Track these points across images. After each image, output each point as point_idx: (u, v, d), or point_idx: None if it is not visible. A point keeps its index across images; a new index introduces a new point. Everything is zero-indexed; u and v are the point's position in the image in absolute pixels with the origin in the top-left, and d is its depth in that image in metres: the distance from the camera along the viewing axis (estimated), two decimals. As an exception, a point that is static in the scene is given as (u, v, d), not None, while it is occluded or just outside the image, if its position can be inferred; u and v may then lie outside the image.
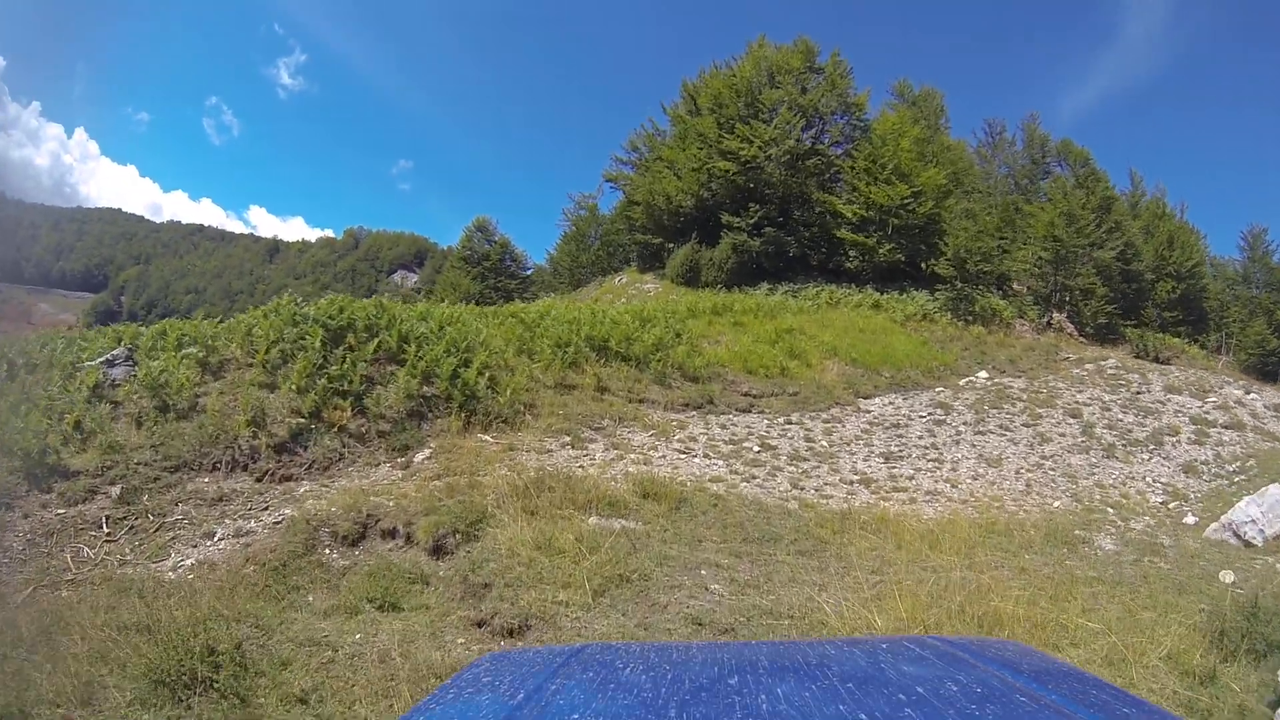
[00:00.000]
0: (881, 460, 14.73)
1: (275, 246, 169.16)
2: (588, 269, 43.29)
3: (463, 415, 13.61)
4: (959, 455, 15.56)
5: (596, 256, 44.04)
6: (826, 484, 12.91)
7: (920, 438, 16.49)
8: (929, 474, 14.23)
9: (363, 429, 12.60)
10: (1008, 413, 18.88)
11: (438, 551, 9.09)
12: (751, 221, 31.00)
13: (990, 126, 44.00)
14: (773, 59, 33.69)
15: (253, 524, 9.52)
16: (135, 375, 12.30)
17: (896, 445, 15.79)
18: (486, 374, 14.83)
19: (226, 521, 9.61)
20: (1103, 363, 25.04)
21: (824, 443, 15.48)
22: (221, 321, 15.19)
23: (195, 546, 9.00)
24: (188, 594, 7.35)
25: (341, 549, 8.99)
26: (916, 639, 1.78)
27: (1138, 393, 21.59)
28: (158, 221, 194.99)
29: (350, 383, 13.03)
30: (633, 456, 13.25)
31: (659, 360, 18.12)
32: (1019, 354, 25.61)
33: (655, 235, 35.71)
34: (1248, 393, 22.29)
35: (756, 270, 31.65)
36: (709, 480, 12.25)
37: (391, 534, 9.45)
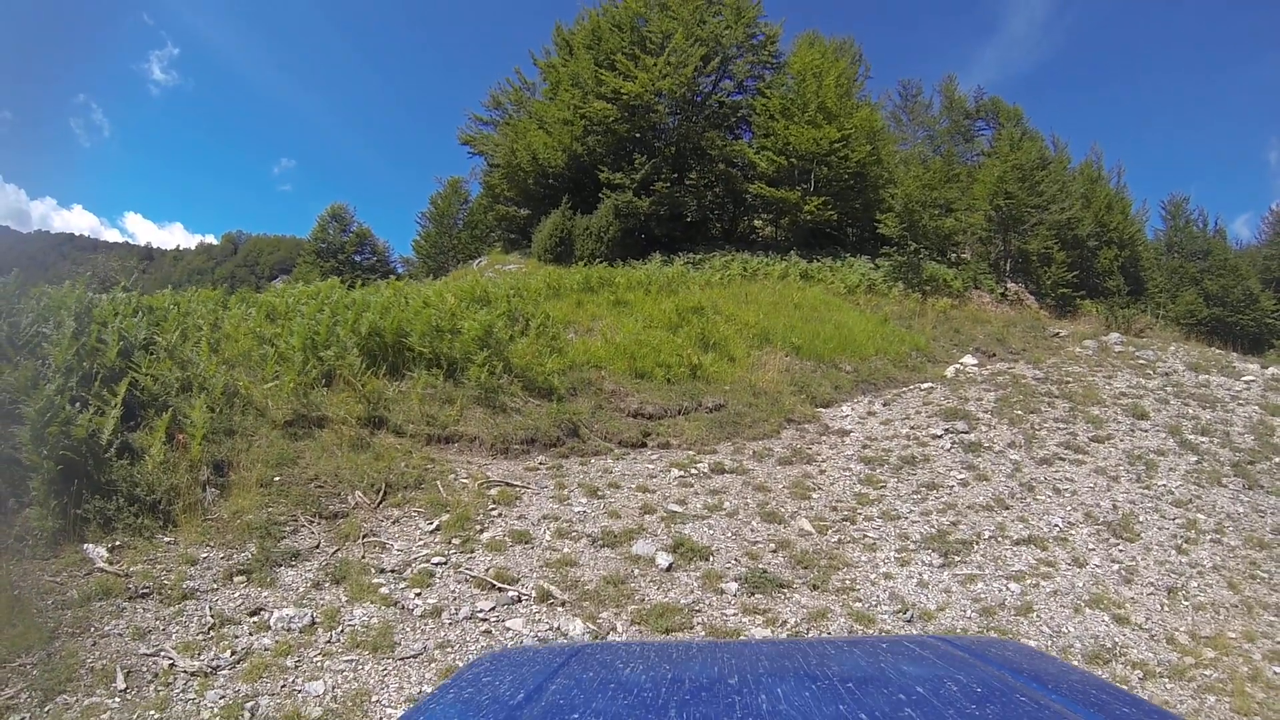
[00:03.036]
0: (937, 560, 6.43)
1: (149, 254, 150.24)
2: (450, 254, 33.94)
3: (57, 503, 5.62)
4: (1056, 521, 7.50)
5: (460, 240, 34.73)
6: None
7: (965, 484, 8.33)
8: (1046, 586, 6.11)
9: None
10: (1053, 419, 11.12)
11: None
12: (638, 177, 22.44)
13: (905, 88, 37.22)
14: (663, -13, 25.24)
15: None
16: None
17: (940, 510, 7.54)
18: (144, 409, 6.60)
19: None
20: (1104, 339, 17.83)
21: (803, 521, 7.05)
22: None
23: None
24: None
25: None
26: (916, 639, 1.61)
27: (1167, 374, 14.61)
28: (24, 231, 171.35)
29: None
30: (358, 620, 5.12)
31: (483, 364, 9.45)
32: (1000, 331, 18.14)
33: (521, 206, 26.83)
34: (1264, 368, 16.03)
35: (647, 240, 23.24)
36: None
37: None
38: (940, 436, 9.97)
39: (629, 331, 12.22)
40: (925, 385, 13.34)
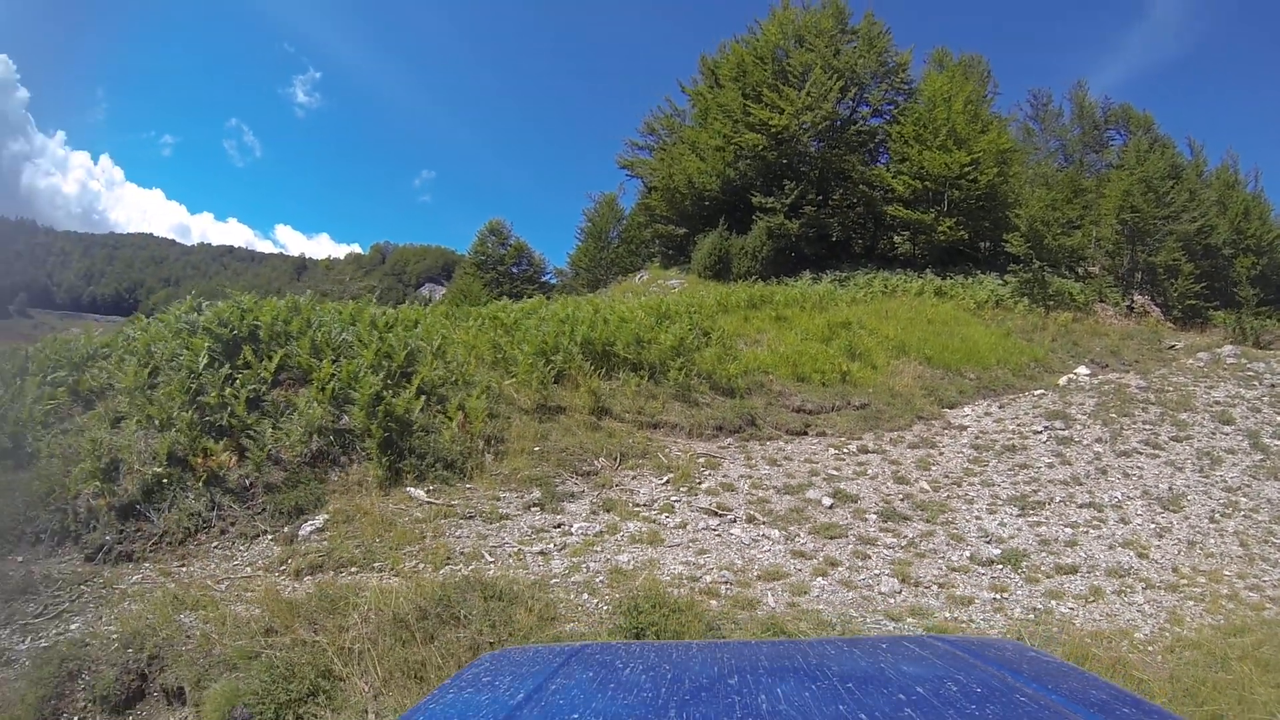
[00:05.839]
0: (1015, 511, 9.30)
1: (303, 264, 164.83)
2: (608, 268, 37.82)
3: (386, 459, 8.57)
4: (1117, 494, 10.10)
5: (617, 255, 38.46)
6: (953, 569, 7.52)
7: (1051, 466, 11.03)
8: (1093, 533, 8.82)
9: (246, 481, 7.96)
10: (1143, 421, 13.36)
11: (233, 747, 4.69)
12: (788, 201, 25.44)
13: (1035, 98, 38.29)
14: (800, 21, 28.08)
15: (24, 644, 5.50)
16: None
17: (1025, 482, 10.35)
18: (428, 397, 9.80)
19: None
20: (1217, 350, 19.32)
21: (923, 484, 10.07)
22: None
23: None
24: None
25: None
26: (916, 639, 1.65)
27: (1273, 385, 16.19)
28: (188, 244, 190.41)
29: (232, 415, 8.35)
30: (632, 529, 8.10)
31: (680, 368, 12.79)
32: (1116, 344, 20.00)
33: (678, 226, 30.23)
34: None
35: (796, 259, 26.14)
36: (757, 578, 6.95)
37: (177, 695, 5.12)
38: (1040, 432, 12.59)
39: (790, 343, 15.42)
40: (1038, 392, 15.75)
